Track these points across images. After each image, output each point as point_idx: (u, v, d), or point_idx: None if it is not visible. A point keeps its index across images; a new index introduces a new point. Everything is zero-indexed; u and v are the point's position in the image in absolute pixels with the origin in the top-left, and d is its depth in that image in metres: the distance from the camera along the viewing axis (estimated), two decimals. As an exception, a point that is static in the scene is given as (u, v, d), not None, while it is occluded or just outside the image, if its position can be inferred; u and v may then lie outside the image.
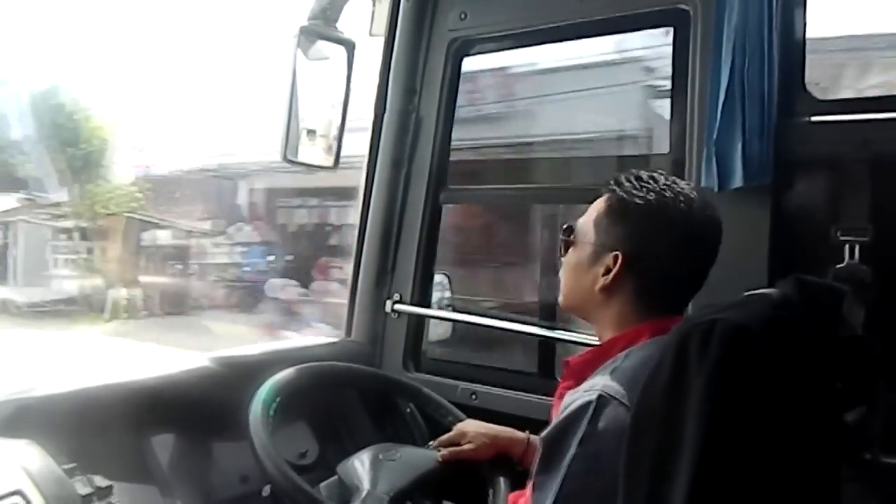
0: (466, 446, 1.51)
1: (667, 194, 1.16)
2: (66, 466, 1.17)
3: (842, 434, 1.06)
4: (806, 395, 0.98)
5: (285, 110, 1.85)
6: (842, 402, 1.06)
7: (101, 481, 1.19)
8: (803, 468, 0.97)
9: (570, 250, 1.26)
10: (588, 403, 1.06)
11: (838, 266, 1.37)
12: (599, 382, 1.09)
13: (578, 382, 1.16)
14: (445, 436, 1.56)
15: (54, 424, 1.33)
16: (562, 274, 1.29)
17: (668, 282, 1.18)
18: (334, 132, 1.95)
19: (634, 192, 1.17)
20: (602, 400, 1.06)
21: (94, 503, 1.16)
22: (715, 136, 1.46)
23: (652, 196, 1.16)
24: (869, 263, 1.36)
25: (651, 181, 1.17)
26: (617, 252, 1.17)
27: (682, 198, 1.16)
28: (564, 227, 1.28)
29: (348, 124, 1.92)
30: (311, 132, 1.93)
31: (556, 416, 1.12)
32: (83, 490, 1.16)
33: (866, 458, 1.14)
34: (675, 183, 1.18)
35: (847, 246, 1.37)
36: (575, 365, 1.23)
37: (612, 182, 1.21)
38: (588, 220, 1.24)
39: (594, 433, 1.04)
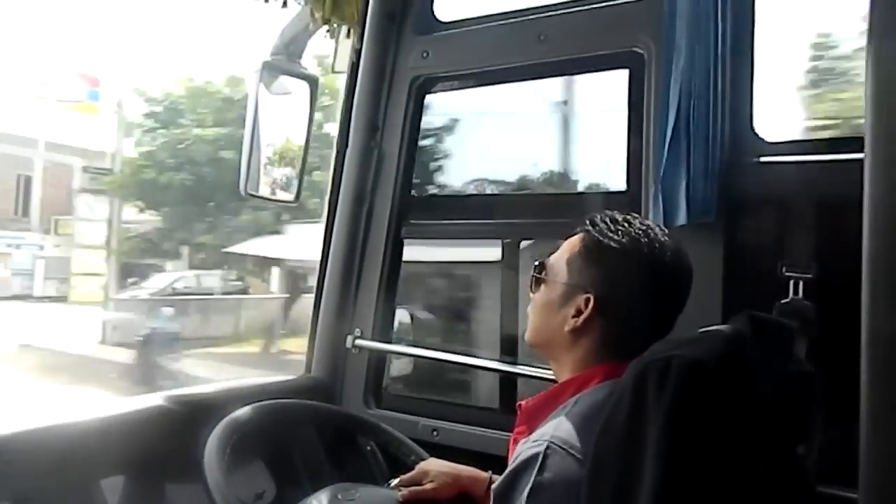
0: (428, 486, 1.48)
1: (641, 239, 1.15)
2: None
3: (796, 467, 1.08)
4: (760, 430, 1.00)
5: (247, 144, 1.85)
6: (795, 436, 1.08)
7: None
8: (759, 501, 0.99)
9: (542, 287, 1.24)
10: (536, 455, 1.04)
11: (783, 301, 1.41)
12: (548, 431, 1.07)
13: (531, 429, 1.14)
14: (406, 475, 1.54)
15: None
16: (530, 311, 1.27)
17: (636, 327, 1.16)
18: (296, 167, 1.95)
19: (609, 233, 1.17)
20: (550, 450, 1.04)
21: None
22: (661, 175, 1.51)
23: (626, 239, 1.15)
24: (812, 299, 1.40)
25: (626, 224, 1.17)
26: (589, 294, 1.16)
27: (656, 243, 1.16)
28: (536, 263, 1.26)
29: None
30: (272, 165, 1.93)
31: (508, 467, 1.10)
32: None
33: (821, 492, 1.15)
34: (650, 227, 1.18)
35: (792, 282, 1.42)
36: (527, 410, 1.22)
37: (587, 222, 1.21)
38: (561, 258, 1.22)
39: (542, 485, 1.03)
